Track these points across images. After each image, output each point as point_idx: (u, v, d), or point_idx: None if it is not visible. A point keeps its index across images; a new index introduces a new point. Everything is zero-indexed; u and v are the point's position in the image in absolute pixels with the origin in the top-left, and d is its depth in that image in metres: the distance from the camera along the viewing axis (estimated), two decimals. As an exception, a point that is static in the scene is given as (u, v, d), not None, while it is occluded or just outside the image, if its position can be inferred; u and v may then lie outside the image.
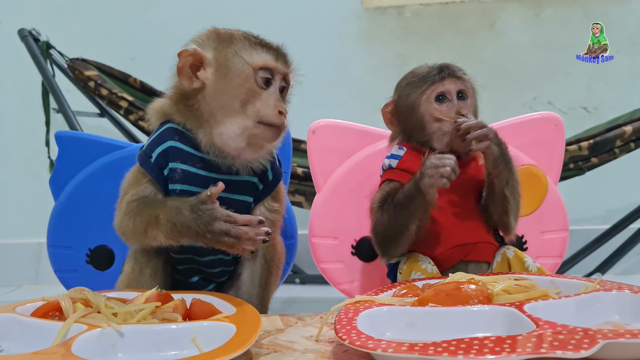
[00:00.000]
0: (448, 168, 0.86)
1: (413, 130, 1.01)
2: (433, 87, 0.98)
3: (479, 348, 0.53)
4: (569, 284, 0.77)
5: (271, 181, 0.92)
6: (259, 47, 0.85)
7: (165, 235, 0.80)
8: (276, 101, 0.83)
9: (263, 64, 0.84)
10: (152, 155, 0.87)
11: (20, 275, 2.16)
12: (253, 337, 0.60)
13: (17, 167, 2.21)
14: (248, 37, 0.86)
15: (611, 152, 1.54)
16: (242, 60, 0.83)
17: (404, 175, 0.98)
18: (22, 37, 1.91)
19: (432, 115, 0.98)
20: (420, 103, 0.99)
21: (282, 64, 0.86)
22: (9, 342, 0.65)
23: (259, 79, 0.83)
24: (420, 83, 1.00)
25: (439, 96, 0.98)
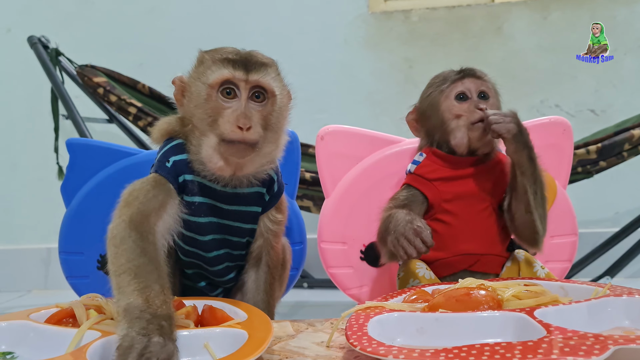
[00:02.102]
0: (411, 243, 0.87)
1: (434, 129, 1.03)
2: (453, 85, 1.00)
3: (490, 354, 0.53)
4: (579, 289, 0.77)
5: (276, 192, 0.93)
6: (219, 63, 0.83)
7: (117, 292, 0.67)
8: (237, 116, 0.80)
9: (219, 79, 0.81)
10: (170, 160, 0.86)
11: (30, 281, 2.17)
12: (265, 343, 0.61)
13: (26, 173, 2.22)
14: (215, 55, 0.84)
15: (619, 156, 1.54)
16: (199, 81, 0.83)
17: (418, 180, 1.01)
18: (32, 44, 1.93)
19: (451, 112, 0.99)
20: (441, 101, 1.01)
21: (242, 72, 0.82)
22: (23, 349, 0.66)
23: (221, 95, 0.82)
24: (440, 83, 1.02)
25: (459, 95, 1.00)
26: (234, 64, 0.82)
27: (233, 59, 0.82)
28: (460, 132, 0.98)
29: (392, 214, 0.94)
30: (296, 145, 1.20)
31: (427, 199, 0.99)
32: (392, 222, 0.91)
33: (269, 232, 0.93)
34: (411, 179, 1.03)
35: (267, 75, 0.83)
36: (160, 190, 0.83)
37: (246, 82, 0.82)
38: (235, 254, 0.94)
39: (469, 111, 0.98)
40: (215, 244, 0.91)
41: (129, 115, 1.80)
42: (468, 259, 0.96)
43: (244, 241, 0.93)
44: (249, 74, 0.82)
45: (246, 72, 0.82)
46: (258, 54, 0.86)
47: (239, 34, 2.09)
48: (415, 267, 0.95)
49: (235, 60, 0.82)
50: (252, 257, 0.95)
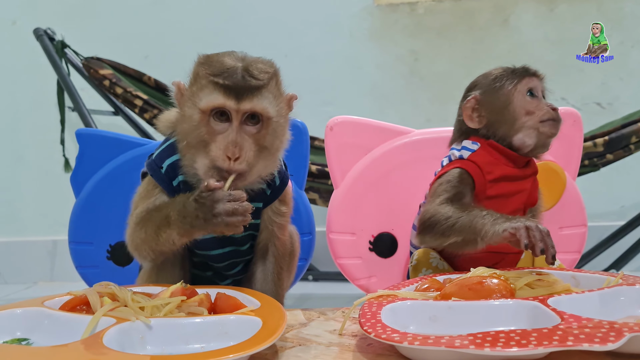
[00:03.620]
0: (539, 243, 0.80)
1: (499, 123, 0.99)
2: (525, 80, 0.98)
3: (506, 341, 0.53)
4: (591, 279, 0.77)
5: (278, 186, 0.92)
6: (212, 86, 0.79)
7: (178, 232, 0.80)
8: (227, 144, 0.78)
9: (211, 105, 0.79)
10: (163, 165, 0.87)
11: (36, 272, 2.18)
12: (279, 330, 0.61)
13: (33, 165, 2.22)
14: (207, 74, 0.80)
15: (626, 149, 1.54)
16: (192, 103, 0.81)
17: (472, 167, 0.97)
18: (38, 37, 1.93)
19: (524, 107, 0.97)
20: (514, 95, 0.97)
21: (234, 102, 0.78)
22: (38, 335, 0.67)
23: (213, 119, 0.80)
24: (511, 77, 0.99)
25: (530, 90, 0.98)
26: (226, 90, 0.78)
27: (225, 85, 0.78)
28: (530, 130, 0.96)
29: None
30: (305, 137, 1.20)
31: (474, 189, 0.97)
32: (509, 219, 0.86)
33: (273, 225, 0.93)
34: (466, 164, 0.98)
35: (261, 100, 0.80)
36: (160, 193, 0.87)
37: (237, 111, 0.79)
38: (242, 250, 0.94)
39: (541, 109, 0.96)
40: (218, 243, 0.91)
41: (135, 107, 1.80)
42: (494, 257, 0.96)
43: (247, 235, 0.93)
44: (241, 103, 0.78)
45: (237, 101, 0.78)
46: (255, 69, 0.80)
47: (245, 27, 2.09)
48: (428, 257, 0.95)
49: (228, 86, 0.78)
50: (258, 249, 0.95)
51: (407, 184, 1.16)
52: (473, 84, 1.05)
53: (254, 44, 2.04)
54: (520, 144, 0.97)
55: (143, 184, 0.91)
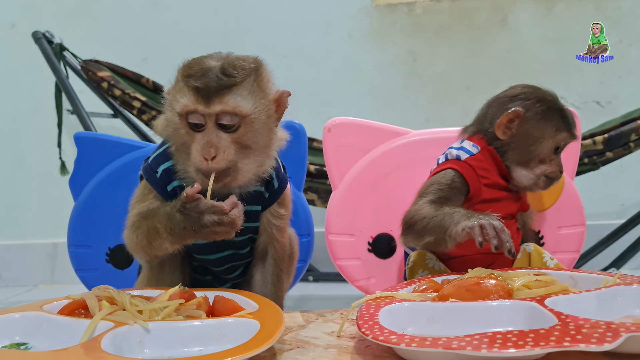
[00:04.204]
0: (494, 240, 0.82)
1: (517, 150, 0.99)
2: (563, 136, 0.98)
3: (503, 342, 0.53)
4: (589, 279, 0.77)
5: (276, 189, 0.92)
6: (184, 90, 0.79)
7: (169, 242, 0.80)
8: (204, 146, 0.78)
9: (184, 108, 0.79)
10: (158, 170, 0.87)
11: (36, 275, 2.18)
12: (277, 332, 0.61)
13: (32, 168, 2.23)
14: (182, 76, 0.80)
15: (626, 147, 1.54)
16: (171, 108, 0.82)
17: (468, 170, 0.97)
18: (36, 39, 1.93)
19: (542, 155, 0.98)
20: (546, 141, 0.97)
21: (204, 105, 0.78)
22: (37, 340, 0.67)
23: (190, 122, 0.80)
24: (559, 124, 0.98)
25: (557, 147, 0.99)
26: (197, 93, 0.78)
27: (195, 87, 0.77)
28: (531, 174, 0.98)
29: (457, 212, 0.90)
30: (303, 139, 1.20)
31: (469, 192, 0.98)
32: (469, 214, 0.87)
33: (272, 228, 0.93)
34: (462, 167, 0.98)
35: (233, 99, 0.78)
36: (154, 198, 0.88)
37: (209, 115, 0.78)
38: (241, 253, 0.94)
39: (553, 165, 0.98)
40: (217, 247, 0.91)
41: (133, 109, 1.80)
42: (488, 258, 0.96)
43: (247, 239, 0.93)
44: (210, 105, 0.77)
45: (207, 103, 0.77)
46: (231, 66, 0.79)
47: (243, 28, 2.09)
48: (425, 258, 0.96)
49: (198, 88, 0.77)
50: (257, 252, 0.95)
51: (405, 185, 1.16)
52: (521, 95, 1.00)
53: (253, 45, 2.04)
54: (516, 177, 0.99)
55: (139, 187, 0.91)
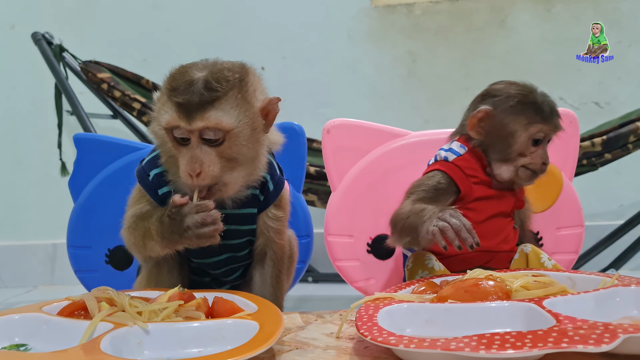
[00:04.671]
0: (453, 237, 0.83)
1: (494, 146, 0.99)
2: (541, 126, 0.96)
3: (501, 343, 0.53)
4: (587, 280, 0.77)
5: (272, 192, 0.91)
6: (167, 104, 0.78)
7: (160, 245, 0.81)
8: (189, 161, 0.77)
9: (167, 123, 0.78)
10: (150, 174, 0.88)
11: (36, 276, 2.18)
12: (276, 334, 0.61)
13: (32, 169, 2.23)
14: (167, 88, 0.79)
15: (624, 148, 1.54)
16: (157, 120, 0.81)
17: (457, 172, 0.98)
18: (36, 41, 1.93)
19: (522, 149, 0.96)
20: (519, 135, 0.96)
21: (185, 121, 0.76)
22: (36, 341, 0.67)
23: (174, 137, 0.79)
24: (532, 114, 0.96)
25: (536, 139, 0.97)
26: (180, 109, 0.76)
27: (178, 103, 0.76)
28: (512, 167, 0.97)
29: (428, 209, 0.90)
30: (302, 140, 1.20)
31: (459, 192, 0.98)
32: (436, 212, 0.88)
33: (270, 230, 0.92)
34: (449, 168, 0.99)
35: (215, 114, 0.76)
36: (147, 201, 0.88)
37: (191, 131, 0.77)
38: (239, 256, 0.94)
39: (534, 157, 0.97)
40: (214, 251, 0.90)
41: (133, 110, 1.80)
42: (485, 256, 0.96)
43: (245, 241, 0.93)
44: (192, 121, 0.76)
45: (188, 120, 0.76)
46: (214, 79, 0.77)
47: (243, 29, 2.09)
48: (424, 259, 0.96)
49: (180, 104, 0.76)
50: (256, 254, 0.95)
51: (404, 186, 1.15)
52: (489, 93, 1.02)
53: (252, 46, 2.04)
54: (497, 173, 0.98)
55: (135, 189, 0.92)
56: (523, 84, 1.00)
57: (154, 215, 0.83)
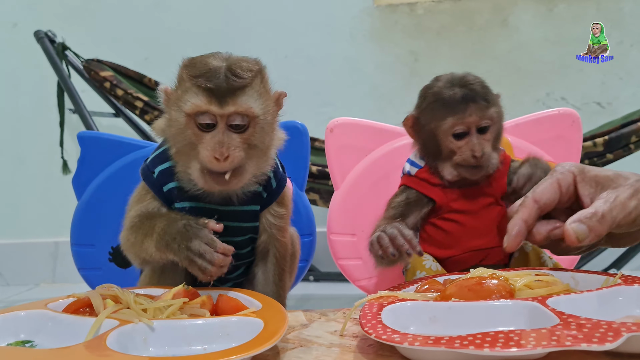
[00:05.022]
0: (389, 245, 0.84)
1: (429, 153, 0.99)
2: (453, 120, 0.92)
3: (505, 341, 0.53)
4: (590, 279, 0.78)
5: (275, 189, 0.92)
6: (195, 89, 0.78)
7: (154, 245, 0.81)
8: (215, 145, 0.77)
9: (195, 109, 0.78)
10: (155, 171, 0.87)
11: (38, 274, 2.19)
12: (281, 331, 0.61)
13: (34, 167, 2.24)
14: (190, 76, 0.79)
15: (626, 148, 1.54)
16: (178, 107, 0.79)
17: (422, 184, 0.98)
18: (38, 39, 1.94)
19: (448, 147, 0.94)
20: (439, 134, 0.94)
21: (217, 106, 0.77)
22: (42, 338, 0.67)
23: (198, 123, 0.78)
24: (441, 111, 0.94)
25: (457, 134, 0.93)
26: (209, 94, 0.77)
27: (208, 88, 0.77)
28: (450, 168, 0.95)
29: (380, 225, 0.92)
30: (305, 139, 1.20)
31: (434, 201, 0.98)
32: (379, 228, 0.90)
33: (272, 228, 0.92)
34: (413, 182, 0.99)
35: (246, 100, 0.78)
36: (152, 198, 0.88)
37: (221, 116, 0.78)
38: (242, 253, 0.95)
39: (462, 152, 0.93)
40: None
41: (136, 109, 1.81)
42: (478, 255, 0.97)
43: (247, 238, 0.93)
44: (224, 106, 0.77)
45: (220, 104, 0.77)
46: (239, 68, 0.79)
47: (245, 28, 2.09)
48: (422, 259, 0.96)
49: (211, 89, 0.77)
50: (259, 252, 0.96)
51: (407, 185, 1.17)
52: (419, 97, 1.01)
53: (254, 45, 2.05)
54: (443, 175, 0.97)
55: (138, 188, 0.92)
56: (437, 78, 0.99)
57: (160, 215, 0.83)
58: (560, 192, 0.76)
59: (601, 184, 0.74)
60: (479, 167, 0.93)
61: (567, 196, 0.77)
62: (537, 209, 0.76)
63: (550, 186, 0.76)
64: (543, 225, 0.77)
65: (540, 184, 0.78)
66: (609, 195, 0.72)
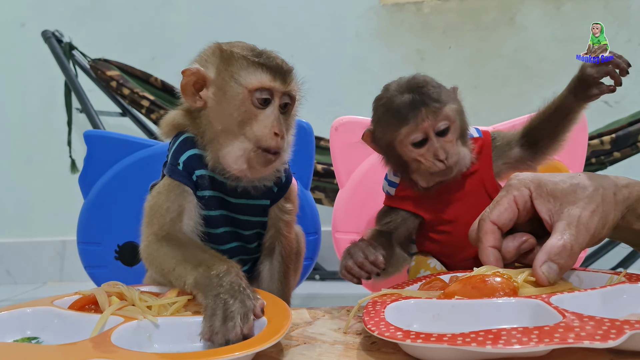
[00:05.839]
0: (354, 267, 0.83)
1: (396, 166, 0.93)
2: (407, 130, 0.86)
3: (507, 338, 0.53)
4: (594, 277, 0.77)
5: (284, 183, 0.93)
6: (256, 66, 0.82)
7: (190, 289, 0.74)
8: (273, 122, 0.81)
9: (259, 84, 0.81)
10: (179, 162, 0.86)
11: (45, 273, 2.20)
12: (284, 328, 0.62)
13: (41, 166, 2.25)
14: (247, 55, 0.83)
15: (634, 146, 1.54)
16: (237, 82, 0.81)
17: (404, 203, 0.94)
18: (46, 39, 1.95)
19: (411, 157, 0.88)
20: (397, 145, 0.88)
21: (280, 83, 0.82)
22: (47, 334, 0.68)
23: (255, 100, 0.81)
24: (393, 121, 0.87)
25: (415, 143, 0.87)
26: (273, 72, 0.82)
27: (271, 66, 0.82)
28: (423, 177, 0.90)
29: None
30: (310, 137, 1.21)
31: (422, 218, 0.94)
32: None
33: (279, 222, 0.93)
34: (396, 202, 0.95)
35: (296, 84, 0.85)
36: (177, 196, 0.84)
37: (282, 93, 0.83)
38: (249, 247, 0.95)
39: (428, 158, 0.87)
40: (227, 237, 0.91)
41: (142, 108, 1.82)
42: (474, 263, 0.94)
43: (254, 233, 0.94)
44: (287, 85, 0.83)
45: (284, 83, 0.82)
46: (280, 57, 0.85)
47: (251, 28, 2.10)
48: (426, 258, 0.95)
49: (273, 67, 0.82)
50: (265, 248, 0.96)
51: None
52: (373, 110, 0.94)
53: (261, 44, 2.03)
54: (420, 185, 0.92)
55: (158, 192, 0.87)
56: (387, 86, 0.92)
57: (192, 246, 0.80)
58: (517, 210, 0.76)
59: (559, 198, 0.72)
60: (449, 168, 0.87)
61: (524, 212, 0.76)
62: (498, 231, 0.76)
63: (508, 206, 0.76)
64: (509, 242, 0.76)
65: (497, 204, 0.76)
66: (571, 218, 0.70)
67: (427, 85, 0.87)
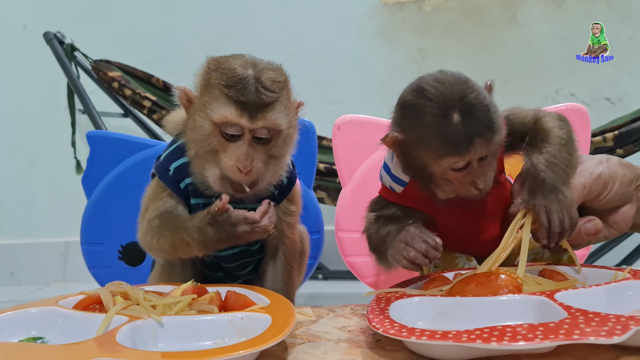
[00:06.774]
0: (418, 256, 0.77)
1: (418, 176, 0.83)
2: (453, 160, 0.74)
3: (512, 335, 0.53)
4: (599, 274, 0.77)
5: (286, 186, 0.92)
6: (226, 98, 0.78)
7: (200, 251, 0.83)
8: (239, 157, 0.78)
9: (224, 119, 0.78)
10: (170, 168, 0.88)
11: (49, 274, 2.20)
12: (289, 326, 0.62)
13: (44, 168, 2.25)
14: (221, 84, 0.78)
15: (636, 143, 1.53)
16: (206, 114, 0.79)
17: (414, 201, 0.87)
18: (47, 40, 1.95)
19: (444, 177, 0.78)
20: (433, 167, 0.77)
21: (247, 120, 0.77)
22: (52, 334, 0.68)
23: (224, 132, 0.79)
24: (439, 147, 0.74)
25: (457, 168, 0.76)
26: (240, 107, 0.77)
27: (238, 100, 0.77)
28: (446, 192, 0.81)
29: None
30: (313, 137, 1.21)
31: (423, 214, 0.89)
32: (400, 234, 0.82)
33: (282, 224, 0.93)
34: (404, 201, 0.88)
35: (273, 115, 0.79)
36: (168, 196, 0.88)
37: (250, 130, 0.79)
38: (252, 250, 0.95)
39: (464, 182, 0.77)
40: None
41: (144, 108, 1.81)
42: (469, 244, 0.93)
43: None
44: (254, 120, 0.78)
45: (251, 119, 0.78)
46: (267, 80, 0.78)
47: (253, 27, 2.10)
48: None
49: (242, 102, 0.77)
50: (269, 249, 0.96)
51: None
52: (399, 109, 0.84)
53: (262, 44, 2.05)
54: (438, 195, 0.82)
55: (152, 185, 0.92)
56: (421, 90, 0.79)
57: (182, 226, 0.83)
58: None
59: None
60: (481, 192, 0.79)
61: None
62: None
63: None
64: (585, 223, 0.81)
65: None
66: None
67: (479, 103, 0.74)
